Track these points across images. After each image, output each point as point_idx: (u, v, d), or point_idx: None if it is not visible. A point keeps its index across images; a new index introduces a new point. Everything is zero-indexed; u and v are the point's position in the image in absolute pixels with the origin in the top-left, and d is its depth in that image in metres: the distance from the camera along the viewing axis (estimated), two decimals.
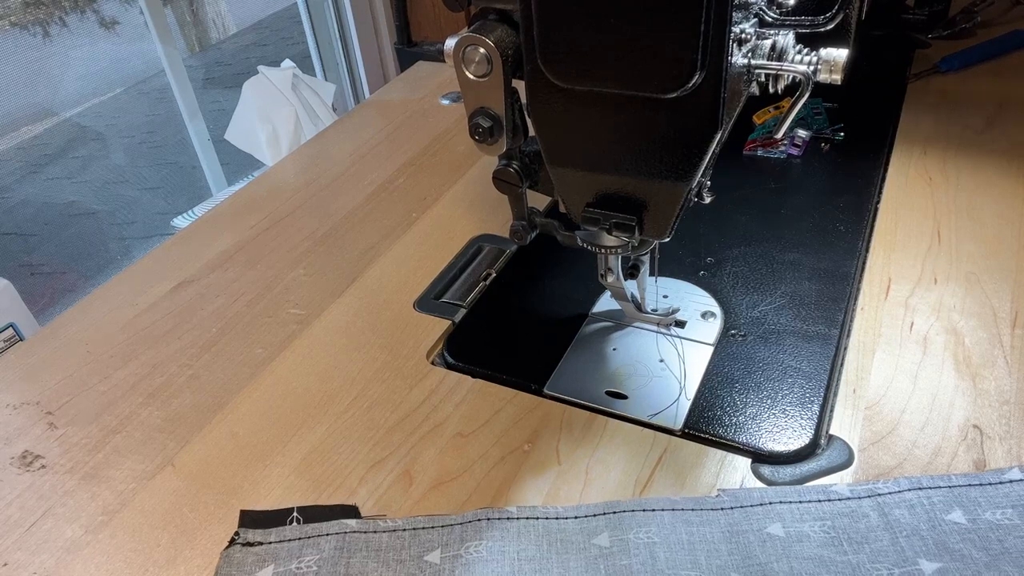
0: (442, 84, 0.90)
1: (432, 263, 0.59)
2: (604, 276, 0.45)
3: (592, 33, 0.32)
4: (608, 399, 0.46)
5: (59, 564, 0.40)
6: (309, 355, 0.52)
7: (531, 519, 0.39)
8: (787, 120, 0.38)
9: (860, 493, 0.38)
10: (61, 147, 2.90)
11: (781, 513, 0.37)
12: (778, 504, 0.38)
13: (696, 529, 0.37)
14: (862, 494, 0.38)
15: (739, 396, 0.45)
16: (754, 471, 0.41)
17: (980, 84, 0.74)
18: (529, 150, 0.43)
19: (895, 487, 0.38)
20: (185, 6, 3.60)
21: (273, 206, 0.70)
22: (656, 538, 0.37)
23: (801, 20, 0.37)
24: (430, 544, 0.38)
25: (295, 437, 0.46)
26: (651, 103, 0.34)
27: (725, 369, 0.47)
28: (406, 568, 0.37)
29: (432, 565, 0.37)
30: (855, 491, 0.38)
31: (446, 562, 0.37)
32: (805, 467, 0.41)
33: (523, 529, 0.38)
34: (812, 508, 0.38)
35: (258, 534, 0.39)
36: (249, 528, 0.40)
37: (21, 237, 2.43)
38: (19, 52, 2.95)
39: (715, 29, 0.30)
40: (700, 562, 0.36)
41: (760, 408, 0.44)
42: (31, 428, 0.49)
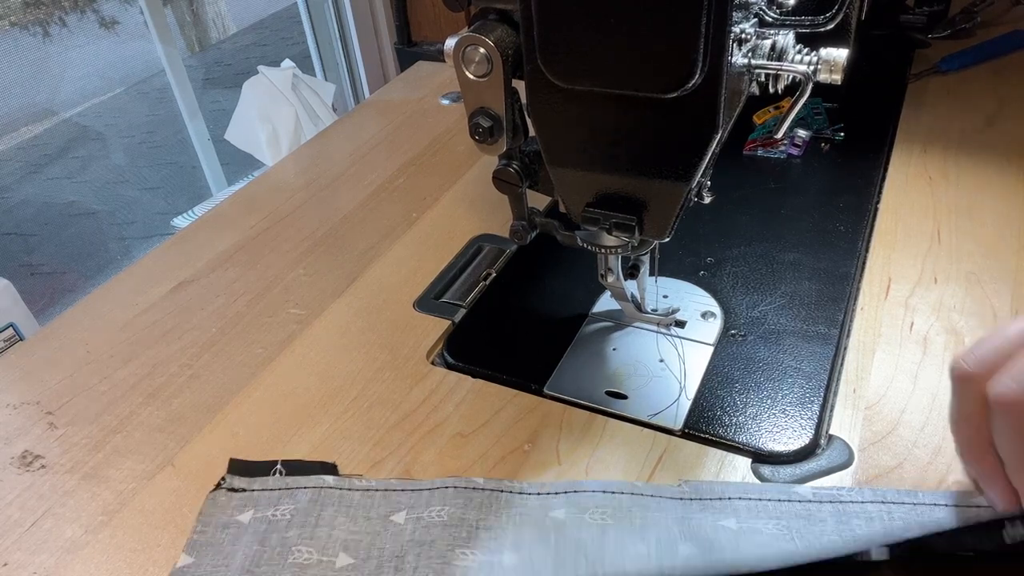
0: (442, 84, 0.90)
1: (432, 263, 0.59)
2: (604, 276, 0.45)
3: (592, 33, 0.32)
4: (608, 399, 0.46)
5: (59, 564, 0.40)
6: (309, 355, 0.52)
7: (495, 491, 0.40)
8: (787, 120, 0.38)
9: (822, 497, 0.38)
10: (61, 147, 2.90)
11: (738, 509, 0.38)
12: (737, 500, 0.38)
13: (651, 514, 0.38)
14: (824, 498, 0.38)
15: (739, 396, 0.45)
16: (754, 471, 0.41)
17: (980, 84, 0.74)
18: (529, 150, 0.43)
19: (859, 496, 0.37)
20: (185, 6, 3.60)
21: (273, 206, 0.70)
22: (610, 519, 0.38)
23: (801, 20, 0.37)
24: (398, 505, 0.40)
25: (295, 437, 0.46)
26: (651, 103, 0.34)
27: (725, 369, 0.47)
28: (372, 525, 0.39)
29: (396, 525, 0.39)
30: (818, 495, 0.38)
31: (409, 523, 0.39)
32: (805, 467, 0.41)
33: (486, 500, 0.40)
34: (770, 506, 0.37)
35: (243, 481, 0.42)
36: (236, 475, 0.42)
37: (21, 237, 2.43)
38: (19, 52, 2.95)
39: (715, 29, 0.30)
40: (650, 540, 0.36)
41: (760, 408, 0.44)
42: (31, 428, 0.49)
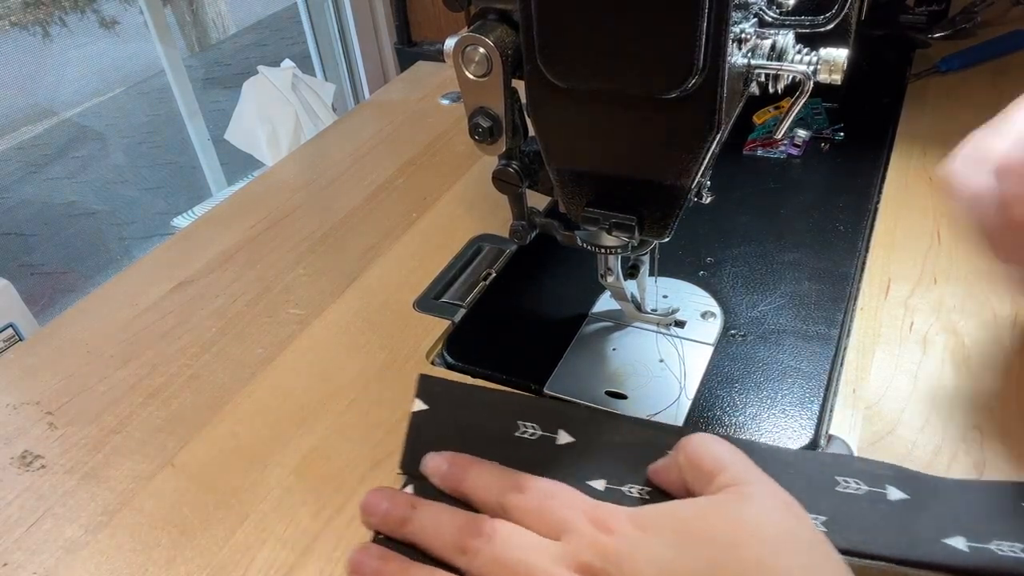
0: (442, 84, 0.90)
1: (432, 263, 0.59)
2: (604, 276, 0.45)
3: (592, 33, 0.32)
4: (608, 399, 0.46)
5: (59, 564, 0.40)
6: (309, 355, 0.52)
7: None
8: (787, 120, 0.38)
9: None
10: (61, 147, 2.90)
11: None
12: None
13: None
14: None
15: (739, 396, 0.45)
16: None
17: (980, 84, 0.74)
18: (529, 150, 0.43)
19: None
20: (185, 6, 3.60)
21: (273, 206, 0.70)
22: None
23: (801, 20, 0.37)
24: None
25: (295, 437, 0.46)
26: (651, 103, 0.34)
27: (725, 369, 0.47)
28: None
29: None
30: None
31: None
32: None
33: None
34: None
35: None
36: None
37: (21, 237, 2.44)
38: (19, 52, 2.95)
39: (715, 29, 0.30)
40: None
41: (760, 408, 0.44)
42: (31, 428, 0.49)
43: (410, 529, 0.37)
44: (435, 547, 0.36)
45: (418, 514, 0.37)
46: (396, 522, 0.37)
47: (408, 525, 0.37)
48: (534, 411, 0.43)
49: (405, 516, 0.37)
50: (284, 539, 0.40)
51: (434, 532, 0.36)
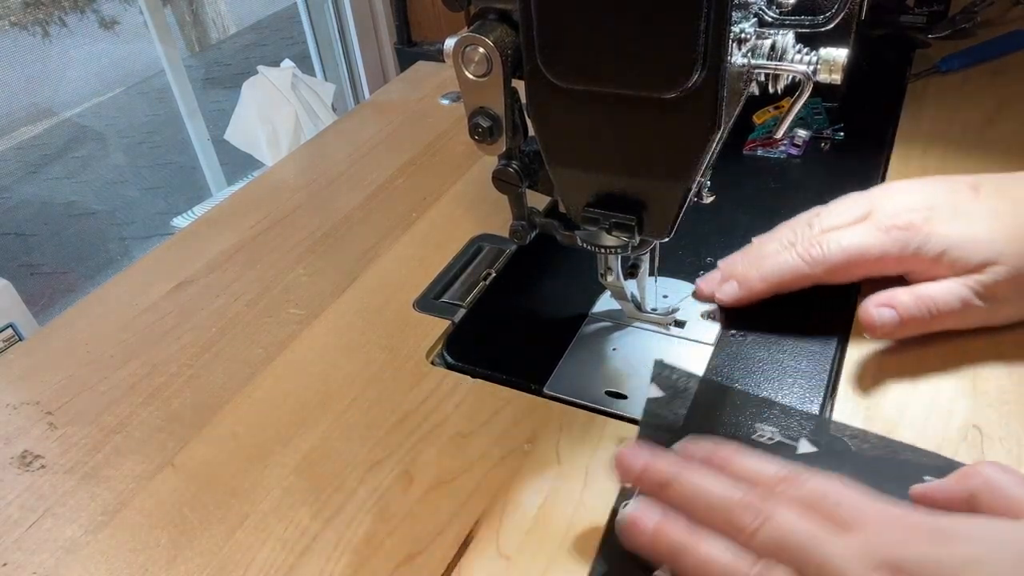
0: (442, 84, 0.90)
1: (432, 263, 0.59)
2: (604, 276, 0.45)
3: (592, 33, 0.32)
4: (608, 399, 0.46)
5: (59, 564, 0.40)
6: (309, 355, 0.52)
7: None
8: (787, 120, 0.38)
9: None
10: (61, 147, 2.90)
11: None
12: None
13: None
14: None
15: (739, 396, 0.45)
16: None
17: (980, 84, 0.74)
18: (529, 150, 0.43)
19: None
20: (185, 6, 3.60)
21: (273, 206, 0.70)
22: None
23: (801, 20, 0.37)
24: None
25: (295, 437, 0.46)
26: (651, 103, 0.34)
27: (725, 369, 0.47)
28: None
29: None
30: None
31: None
32: None
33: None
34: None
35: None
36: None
37: (21, 237, 2.44)
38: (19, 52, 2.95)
39: (715, 29, 0.30)
40: None
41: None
42: (31, 428, 0.49)
43: (673, 492, 0.35)
44: (702, 518, 0.34)
45: (684, 479, 0.35)
46: (657, 483, 0.36)
47: (670, 489, 0.35)
48: (776, 415, 0.42)
49: (667, 478, 0.36)
50: (284, 539, 0.40)
51: (704, 504, 0.34)
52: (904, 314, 0.44)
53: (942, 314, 0.44)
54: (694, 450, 0.38)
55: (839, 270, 0.47)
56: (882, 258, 0.46)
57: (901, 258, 0.46)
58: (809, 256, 0.47)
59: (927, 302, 0.44)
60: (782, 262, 0.48)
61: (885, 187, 0.50)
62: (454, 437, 0.44)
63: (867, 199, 0.48)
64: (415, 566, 0.38)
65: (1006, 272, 0.43)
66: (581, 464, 0.42)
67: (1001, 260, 0.43)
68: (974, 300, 0.44)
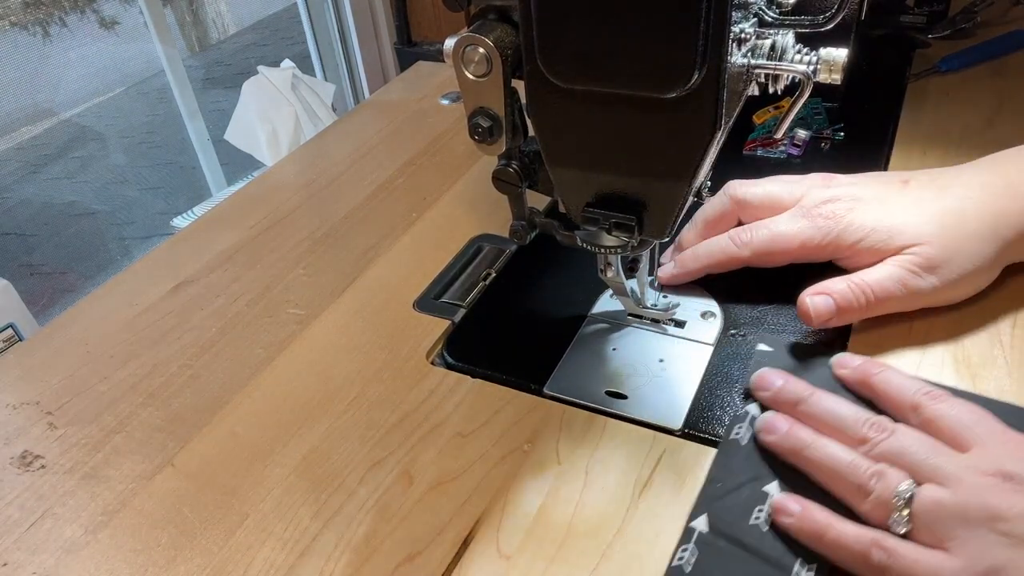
0: (442, 84, 0.90)
1: (432, 263, 0.59)
2: (604, 271, 0.45)
3: (592, 33, 0.32)
4: (608, 399, 0.46)
5: (59, 564, 0.40)
6: (309, 355, 0.52)
7: None
8: (787, 120, 0.38)
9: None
10: (61, 147, 2.90)
11: None
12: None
13: None
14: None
15: (739, 396, 0.45)
16: None
17: (980, 84, 0.74)
18: (529, 150, 0.43)
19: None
20: (185, 6, 3.60)
21: (273, 206, 0.70)
22: None
23: (801, 20, 0.37)
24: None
25: (295, 437, 0.46)
26: (651, 103, 0.34)
27: (725, 369, 0.47)
28: None
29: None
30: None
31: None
32: None
33: None
34: None
35: None
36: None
37: (21, 237, 2.44)
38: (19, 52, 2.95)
39: (715, 29, 0.30)
40: None
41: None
42: (31, 428, 0.49)
43: (803, 408, 0.39)
44: (831, 431, 0.38)
45: (814, 398, 0.40)
46: (790, 400, 0.40)
47: (802, 405, 0.40)
48: None
49: (801, 397, 0.40)
50: (284, 539, 0.40)
51: (832, 417, 0.38)
52: (841, 301, 0.45)
53: (880, 299, 0.45)
54: (846, 369, 0.42)
55: (765, 254, 0.49)
56: (805, 245, 0.48)
57: (822, 245, 0.48)
58: (739, 239, 0.50)
59: (862, 288, 0.45)
60: (714, 244, 0.51)
61: (824, 176, 0.52)
62: (454, 437, 0.44)
63: (805, 185, 0.51)
64: (415, 566, 0.38)
65: (933, 252, 0.45)
66: (581, 464, 0.42)
67: (924, 240, 0.45)
68: (911, 280, 0.45)
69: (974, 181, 0.47)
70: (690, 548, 0.36)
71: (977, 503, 0.32)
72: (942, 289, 0.45)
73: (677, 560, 0.36)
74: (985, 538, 0.32)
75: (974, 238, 0.45)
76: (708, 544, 0.36)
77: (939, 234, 0.45)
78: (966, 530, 0.32)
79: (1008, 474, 0.33)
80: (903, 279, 0.45)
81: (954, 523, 0.32)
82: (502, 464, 0.42)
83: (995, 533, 0.31)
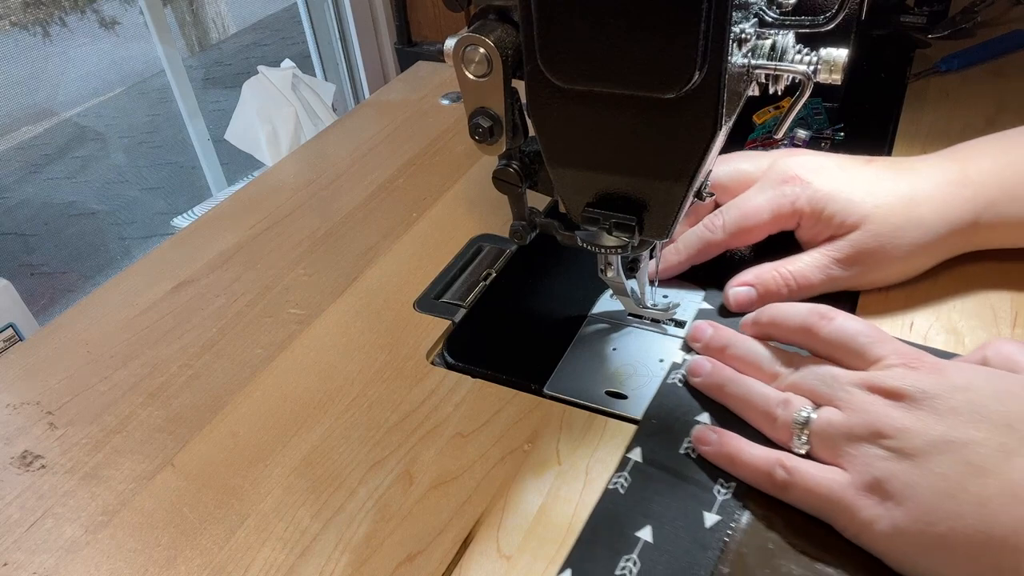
0: (442, 84, 0.90)
1: (432, 263, 0.59)
2: (604, 271, 0.45)
3: (592, 33, 0.32)
4: (608, 399, 0.46)
5: (59, 564, 0.40)
6: (309, 355, 0.52)
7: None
8: (787, 120, 0.38)
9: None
10: (61, 147, 2.90)
11: None
12: None
13: None
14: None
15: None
16: None
17: (980, 84, 0.74)
18: (529, 150, 0.43)
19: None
20: (185, 6, 3.60)
21: (273, 206, 0.70)
22: None
23: (801, 20, 0.37)
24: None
25: (295, 437, 0.46)
26: (651, 103, 0.34)
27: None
28: None
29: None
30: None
31: None
32: None
33: None
34: None
35: None
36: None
37: (21, 237, 2.44)
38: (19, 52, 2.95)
39: (715, 29, 0.30)
40: None
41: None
42: (31, 428, 0.49)
43: (730, 352, 0.44)
44: (751, 370, 0.43)
45: (738, 342, 0.44)
46: (718, 347, 0.45)
47: (728, 349, 0.44)
48: None
49: (727, 342, 0.44)
50: (284, 539, 0.40)
51: (752, 357, 0.43)
52: (762, 290, 0.49)
53: (802, 286, 0.48)
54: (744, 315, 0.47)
55: (741, 233, 0.50)
56: (776, 215, 0.49)
57: (793, 213, 0.49)
58: (711, 224, 0.51)
59: (785, 277, 0.49)
60: (690, 235, 0.52)
61: (788, 149, 0.53)
62: (454, 437, 0.44)
63: (771, 156, 0.52)
64: (415, 566, 0.38)
65: (866, 239, 0.47)
66: (581, 464, 0.42)
67: (866, 223, 0.47)
68: (833, 270, 0.48)
69: (931, 168, 0.49)
70: (624, 475, 0.40)
71: (863, 422, 0.36)
72: (864, 275, 0.48)
73: (612, 484, 0.40)
74: (870, 453, 0.35)
75: (918, 224, 0.47)
76: (641, 471, 0.40)
77: (883, 218, 0.47)
78: (854, 447, 0.36)
79: (894, 390, 0.36)
80: (826, 268, 0.48)
81: (844, 441, 0.36)
82: (502, 464, 0.42)
83: (878, 448, 0.35)
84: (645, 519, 0.38)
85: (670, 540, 0.37)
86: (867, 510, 0.34)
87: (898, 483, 0.33)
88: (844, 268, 0.48)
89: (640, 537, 0.37)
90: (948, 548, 0.32)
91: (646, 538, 0.37)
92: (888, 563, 0.34)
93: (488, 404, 0.46)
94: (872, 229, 0.47)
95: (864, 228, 0.47)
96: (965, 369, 0.36)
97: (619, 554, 0.36)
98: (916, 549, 0.33)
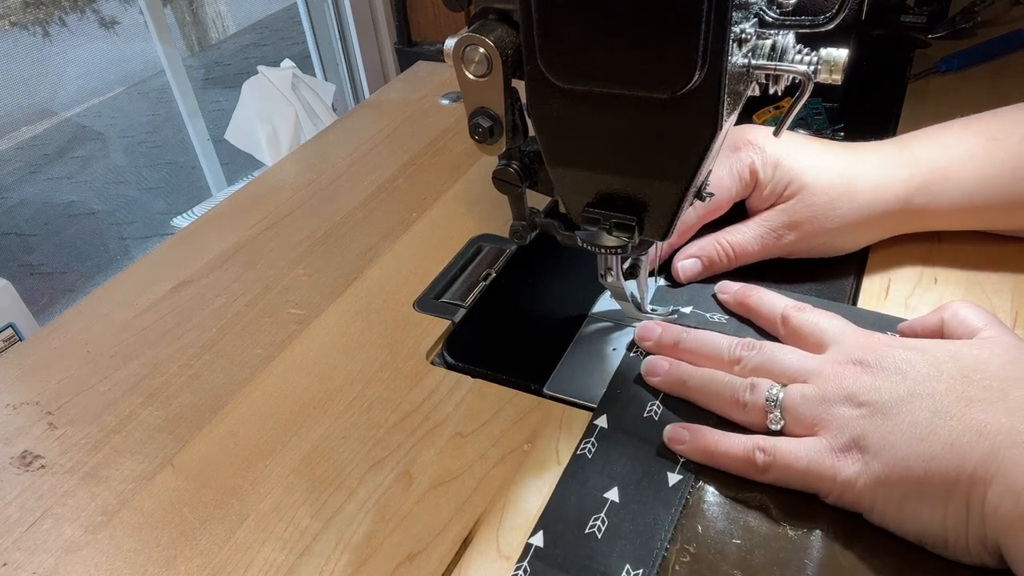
0: (442, 84, 0.90)
1: (432, 263, 0.59)
2: (603, 276, 0.45)
3: (592, 33, 0.32)
4: None
5: (59, 564, 0.40)
6: (309, 355, 0.52)
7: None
8: (787, 120, 0.38)
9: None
10: (61, 147, 2.90)
11: None
12: None
13: None
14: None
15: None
16: None
17: (980, 84, 0.74)
18: (529, 150, 0.43)
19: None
20: (185, 6, 3.60)
21: (273, 206, 0.70)
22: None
23: (801, 20, 0.37)
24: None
25: (295, 437, 0.46)
26: (651, 103, 0.34)
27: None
28: None
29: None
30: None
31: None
32: None
33: None
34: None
35: None
36: None
37: (21, 237, 2.44)
38: (19, 52, 2.95)
39: (715, 29, 0.30)
40: None
41: None
42: (31, 428, 0.49)
43: (683, 346, 0.45)
44: (707, 361, 0.43)
45: (690, 335, 0.45)
46: (670, 343, 0.45)
47: (681, 344, 0.45)
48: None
49: (678, 338, 0.45)
50: (284, 539, 0.40)
51: (708, 348, 0.44)
52: (706, 260, 0.52)
53: (739, 255, 0.51)
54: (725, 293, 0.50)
55: (712, 206, 0.52)
56: (737, 179, 0.51)
57: (752, 175, 0.51)
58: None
59: (724, 248, 0.51)
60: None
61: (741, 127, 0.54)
62: (454, 437, 0.44)
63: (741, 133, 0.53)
64: (415, 566, 0.38)
65: (799, 209, 0.50)
66: None
67: (803, 193, 0.49)
68: (769, 239, 0.51)
69: (873, 149, 0.52)
70: (592, 440, 0.42)
71: (835, 387, 0.38)
72: (796, 245, 0.51)
73: (580, 450, 0.42)
74: (845, 414, 0.37)
75: (852, 199, 0.49)
76: (607, 437, 0.42)
77: (821, 190, 0.49)
78: (828, 412, 0.37)
79: (858, 360, 0.38)
80: (761, 239, 0.51)
81: (818, 408, 0.38)
82: (502, 464, 0.42)
83: (852, 407, 0.37)
84: (612, 481, 0.40)
85: (635, 499, 0.39)
86: (848, 468, 0.36)
87: (875, 436, 0.35)
88: (778, 237, 0.51)
89: (608, 498, 0.39)
90: (925, 489, 0.34)
91: (613, 498, 0.39)
92: (871, 518, 0.36)
93: (488, 404, 0.46)
94: (807, 200, 0.49)
95: (799, 198, 0.49)
96: (918, 340, 0.40)
97: (588, 514, 0.38)
98: (897, 496, 0.35)
